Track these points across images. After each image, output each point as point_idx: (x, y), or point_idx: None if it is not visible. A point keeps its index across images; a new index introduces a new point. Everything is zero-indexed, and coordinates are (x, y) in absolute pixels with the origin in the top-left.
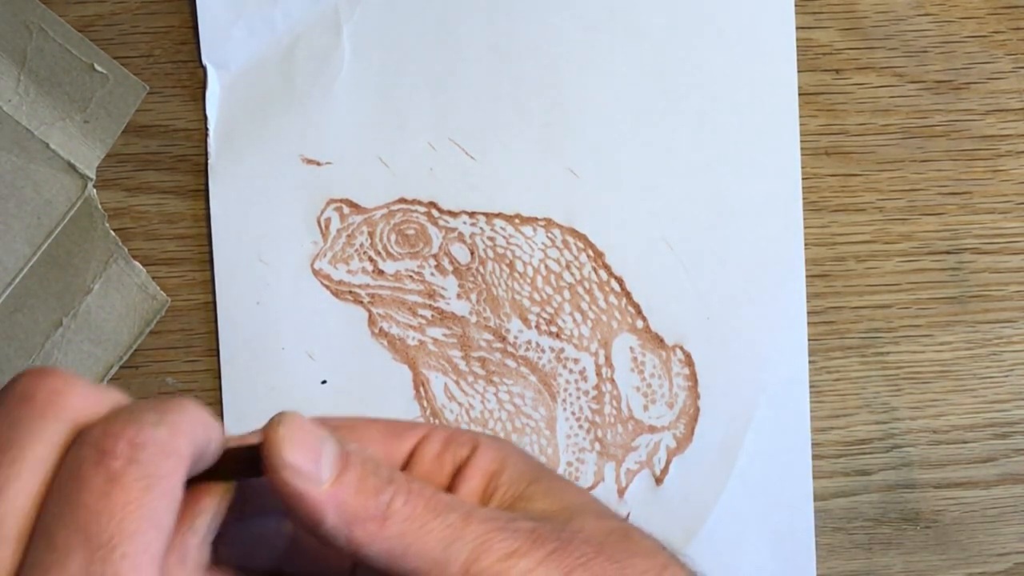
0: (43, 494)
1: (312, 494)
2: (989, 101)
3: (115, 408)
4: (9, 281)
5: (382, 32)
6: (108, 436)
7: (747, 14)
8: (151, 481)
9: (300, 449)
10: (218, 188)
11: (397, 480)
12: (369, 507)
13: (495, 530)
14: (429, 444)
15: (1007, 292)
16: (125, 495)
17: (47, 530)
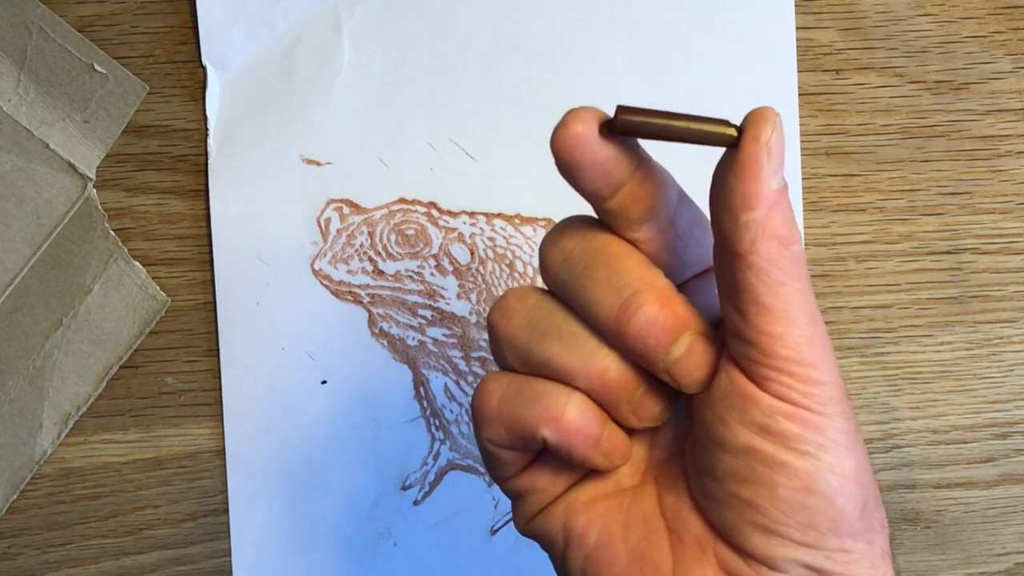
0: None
1: (765, 185)
2: (989, 101)
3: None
4: (9, 281)
5: (382, 32)
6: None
7: (747, 14)
8: None
9: (778, 142)
10: (218, 188)
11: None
12: (785, 229)
13: None
14: None
15: (1007, 292)
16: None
17: None
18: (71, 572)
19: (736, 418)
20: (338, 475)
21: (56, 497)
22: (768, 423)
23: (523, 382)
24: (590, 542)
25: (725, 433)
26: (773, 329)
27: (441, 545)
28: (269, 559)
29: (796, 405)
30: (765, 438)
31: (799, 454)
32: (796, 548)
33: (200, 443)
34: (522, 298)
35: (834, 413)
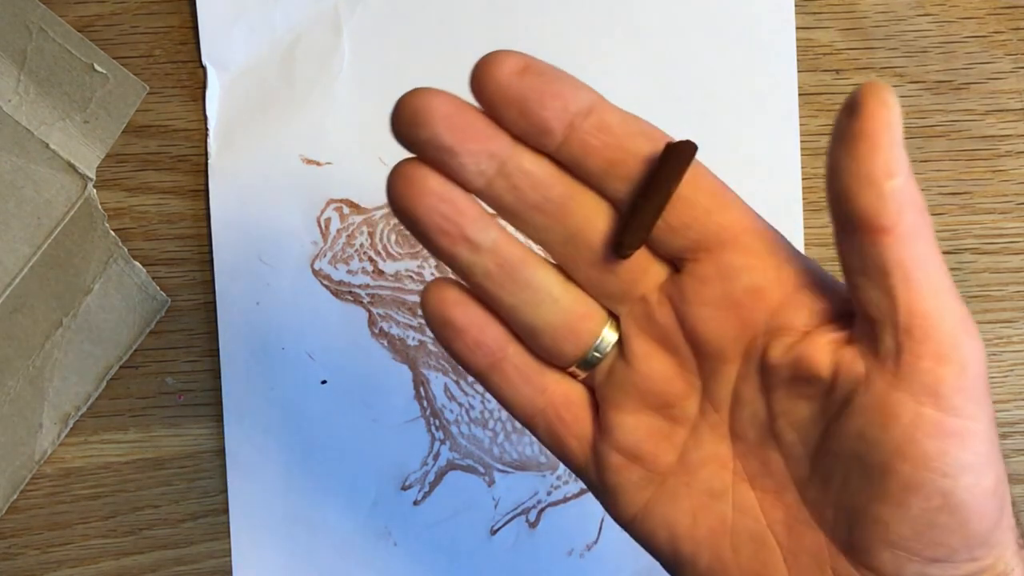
0: None
1: (902, 150)
2: (989, 101)
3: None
4: (9, 281)
5: (382, 32)
6: None
7: (747, 14)
8: None
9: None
10: (218, 188)
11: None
12: (922, 198)
13: None
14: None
15: (1007, 292)
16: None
17: None
18: (71, 572)
19: (875, 435)
20: (338, 475)
21: (56, 497)
22: (908, 442)
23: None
24: (702, 566)
25: (860, 448)
26: (927, 307)
27: (441, 545)
28: (269, 559)
29: (943, 408)
30: (904, 458)
31: (938, 475)
32: (925, 563)
33: (200, 443)
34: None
35: (979, 415)
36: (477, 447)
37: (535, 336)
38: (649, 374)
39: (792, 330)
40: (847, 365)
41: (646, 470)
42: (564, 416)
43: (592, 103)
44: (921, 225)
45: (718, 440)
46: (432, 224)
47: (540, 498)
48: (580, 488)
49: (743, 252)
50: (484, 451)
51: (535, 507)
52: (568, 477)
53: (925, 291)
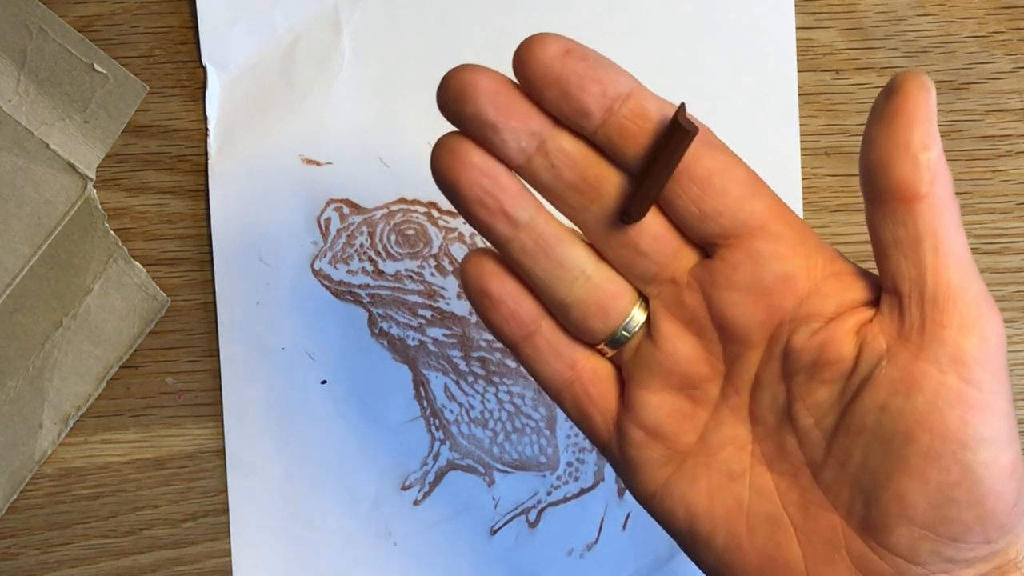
0: None
1: (936, 127)
2: (989, 101)
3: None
4: (9, 281)
5: (382, 32)
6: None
7: (747, 14)
8: None
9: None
10: (218, 188)
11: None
12: (951, 175)
13: None
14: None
15: (1007, 292)
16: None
17: None
18: (71, 572)
19: (897, 404)
20: (338, 475)
21: (56, 497)
22: (930, 411)
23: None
24: (718, 546)
25: (881, 421)
26: (953, 277)
27: (441, 545)
28: (269, 559)
29: (965, 379)
30: (925, 428)
31: (957, 447)
32: (940, 541)
33: (200, 443)
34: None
35: (999, 391)
36: (477, 447)
37: (566, 312)
38: (675, 355)
39: (819, 316)
40: (870, 343)
41: (667, 448)
42: (591, 391)
43: (631, 89)
44: (951, 200)
45: (738, 423)
46: (473, 196)
47: (540, 498)
48: (580, 488)
49: (773, 240)
50: (484, 451)
51: (535, 507)
52: (568, 477)
53: (952, 261)
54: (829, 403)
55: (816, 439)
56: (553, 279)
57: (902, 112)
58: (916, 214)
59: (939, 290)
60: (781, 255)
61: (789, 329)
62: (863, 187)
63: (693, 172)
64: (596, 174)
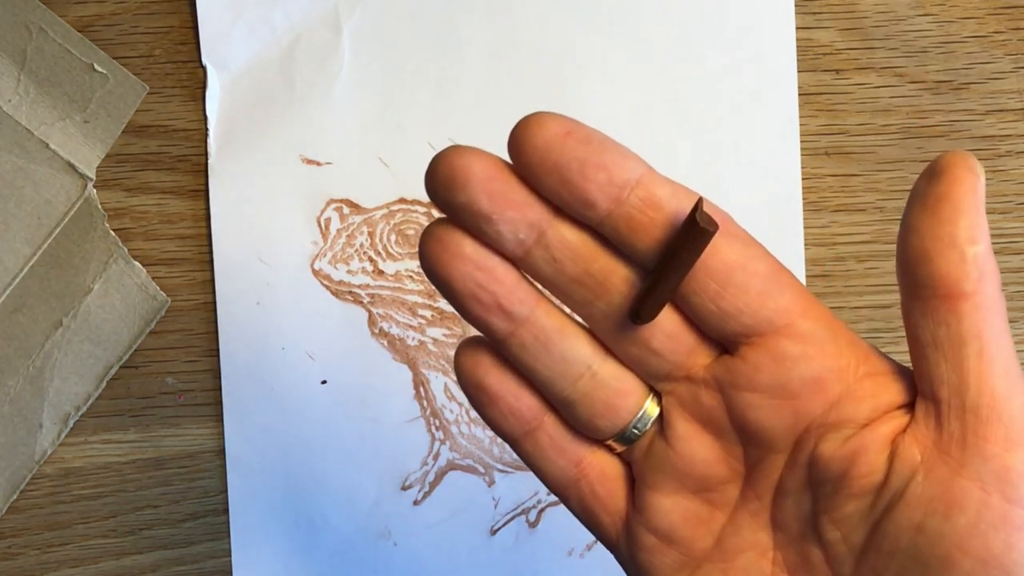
0: None
1: (985, 219)
2: (989, 101)
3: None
4: (9, 281)
5: (382, 32)
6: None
7: (747, 14)
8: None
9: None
10: (218, 188)
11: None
12: (999, 272)
13: None
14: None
15: (1007, 292)
16: None
17: None
18: (71, 572)
19: (936, 526)
20: (338, 475)
21: (56, 497)
22: (972, 534)
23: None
24: None
25: (918, 542)
26: (998, 386)
27: (441, 545)
28: (269, 559)
29: (1011, 499)
30: (966, 552)
31: (1002, 573)
32: None
33: (200, 443)
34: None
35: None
36: (477, 447)
37: (571, 409)
38: (690, 456)
39: (850, 423)
40: (903, 453)
41: (681, 554)
42: (598, 490)
43: (640, 175)
44: (998, 299)
45: (758, 528)
46: (466, 291)
47: (540, 498)
48: None
49: (800, 340)
50: (484, 451)
51: (535, 507)
52: None
53: (998, 368)
54: (858, 518)
55: (843, 554)
56: (556, 376)
57: (948, 199)
58: (960, 314)
59: (982, 400)
60: (809, 356)
61: (817, 435)
62: (901, 278)
63: (711, 267)
64: (602, 267)
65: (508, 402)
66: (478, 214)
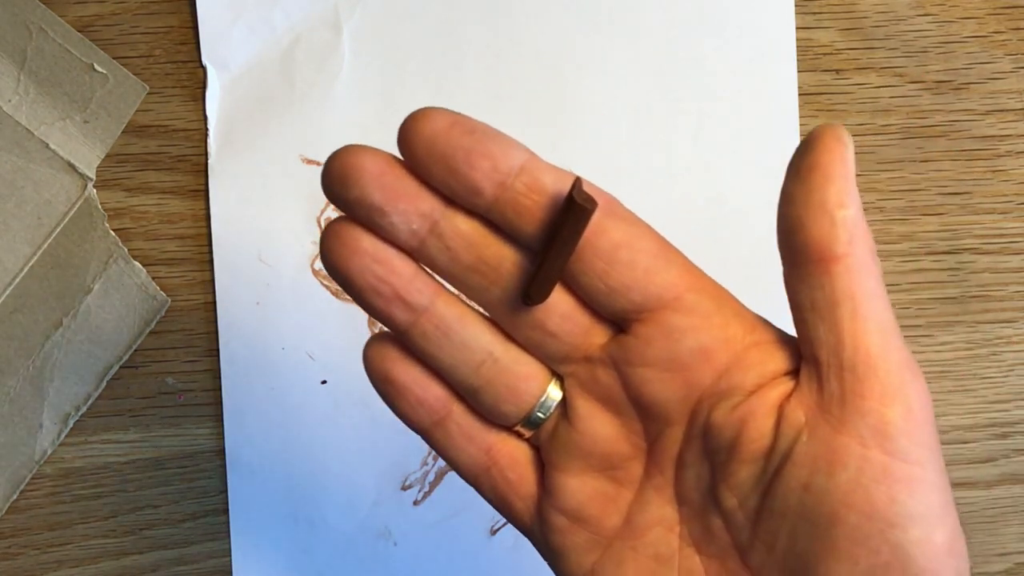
0: None
1: (854, 183)
2: (989, 101)
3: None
4: (9, 281)
5: (382, 32)
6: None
7: (747, 14)
8: None
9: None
10: (218, 188)
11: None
12: (871, 235)
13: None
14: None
15: (1007, 292)
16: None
17: None
18: (71, 572)
19: (820, 484)
20: (338, 475)
21: (56, 497)
22: (855, 489)
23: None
24: None
25: (805, 501)
26: (872, 343)
27: (441, 545)
28: (269, 559)
29: (890, 452)
30: (851, 507)
31: (886, 526)
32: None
33: (200, 443)
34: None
35: (928, 463)
36: None
37: (476, 396)
38: (593, 435)
39: (739, 391)
40: (788, 416)
41: (591, 533)
42: (509, 476)
43: (523, 161)
44: (871, 261)
45: (664, 503)
46: (366, 284)
47: None
48: None
49: (687, 312)
50: None
51: None
52: None
53: (872, 326)
54: (751, 483)
55: (741, 521)
56: (459, 363)
57: (818, 168)
58: (833, 276)
59: (858, 357)
60: (696, 328)
61: (709, 405)
62: (780, 249)
63: (597, 246)
64: (495, 254)
65: (416, 393)
66: (371, 207)
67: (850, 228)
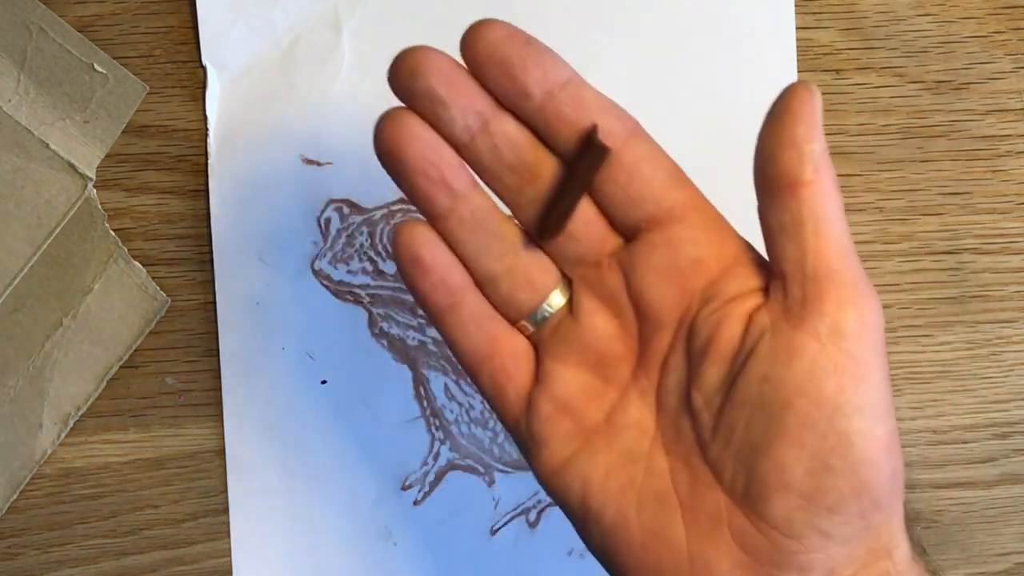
0: None
1: (820, 123)
2: (989, 101)
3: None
4: (9, 281)
5: (382, 32)
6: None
7: (747, 14)
8: None
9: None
10: (218, 188)
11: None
12: (834, 171)
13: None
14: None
15: (1007, 292)
16: None
17: None
18: (71, 572)
19: (778, 373)
20: (338, 475)
21: (56, 497)
22: (808, 378)
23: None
24: (606, 521)
25: (762, 391)
26: (832, 256)
27: (441, 545)
28: (269, 559)
29: (843, 349)
30: (803, 394)
31: (834, 412)
32: (816, 512)
33: (200, 443)
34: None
35: (875, 365)
36: (477, 447)
37: (496, 283)
38: (592, 330)
39: (720, 297)
40: (756, 320)
41: (574, 423)
42: (508, 366)
43: (570, 76)
44: (833, 190)
45: (644, 407)
46: (418, 167)
47: (540, 498)
48: None
49: (691, 226)
50: (484, 451)
51: (535, 507)
52: None
53: (832, 243)
54: (718, 383)
55: (706, 420)
56: (487, 250)
57: (788, 111)
58: (800, 199)
59: (819, 268)
60: (697, 240)
61: (695, 310)
62: (756, 182)
63: (622, 160)
64: (534, 158)
65: (439, 274)
66: (436, 99)
67: (816, 160)
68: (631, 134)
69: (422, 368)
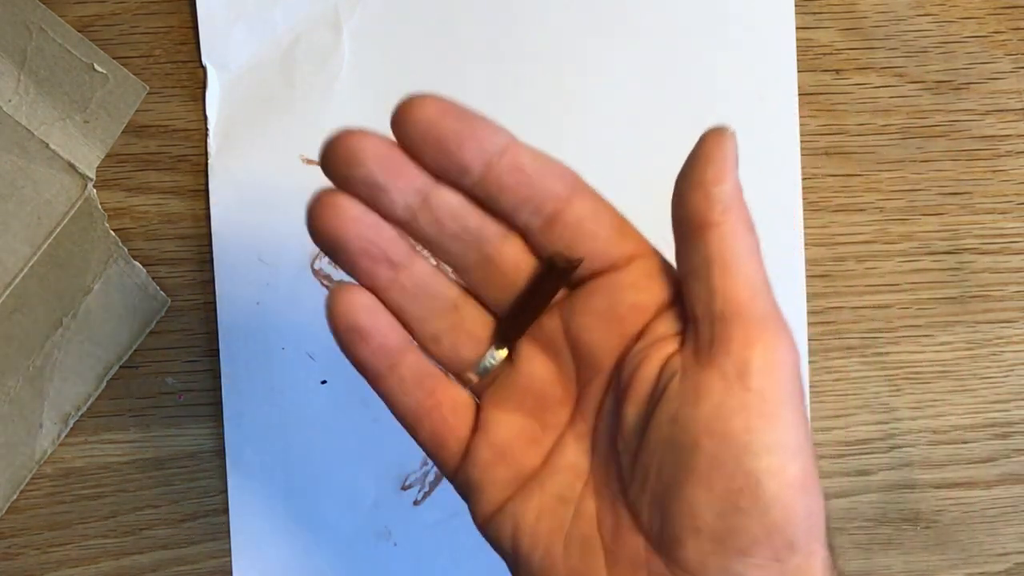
0: None
1: (733, 165)
2: (989, 101)
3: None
4: (9, 281)
5: (382, 32)
6: None
7: (747, 14)
8: None
9: (736, 143)
10: (218, 188)
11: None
12: (748, 213)
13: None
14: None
15: (1007, 292)
16: None
17: None
18: (71, 572)
19: (686, 413)
20: (338, 475)
21: (56, 497)
22: (715, 418)
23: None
24: (535, 563)
25: (672, 432)
26: (740, 296)
27: (441, 545)
28: (269, 559)
29: (749, 388)
30: (711, 434)
31: (741, 452)
32: (728, 556)
33: (200, 443)
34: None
35: (787, 404)
36: None
37: (437, 341)
38: (531, 375)
39: (647, 340)
40: (669, 363)
41: (511, 470)
42: (449, 419)
43: (506, 143)
44: (743, 231)
45: (580, 451)
46: (358, 248)
47: None
48: None
49: (632, 272)
50: None
51: None
52: None
53: (740, 282)
54: (634, 424)
55: (626, 462)
56: (427, 313)
57: (700, 155)
58: (708, 240)
59: (727, 308)
60: (637, 286)
61: (626, 355)
62: (672, 226)
63: (565, 219)
64: (476, 223)
65: (378, 340)
66: (376, 185)
67: (725, 200)
68: (572, 191)
69: None
